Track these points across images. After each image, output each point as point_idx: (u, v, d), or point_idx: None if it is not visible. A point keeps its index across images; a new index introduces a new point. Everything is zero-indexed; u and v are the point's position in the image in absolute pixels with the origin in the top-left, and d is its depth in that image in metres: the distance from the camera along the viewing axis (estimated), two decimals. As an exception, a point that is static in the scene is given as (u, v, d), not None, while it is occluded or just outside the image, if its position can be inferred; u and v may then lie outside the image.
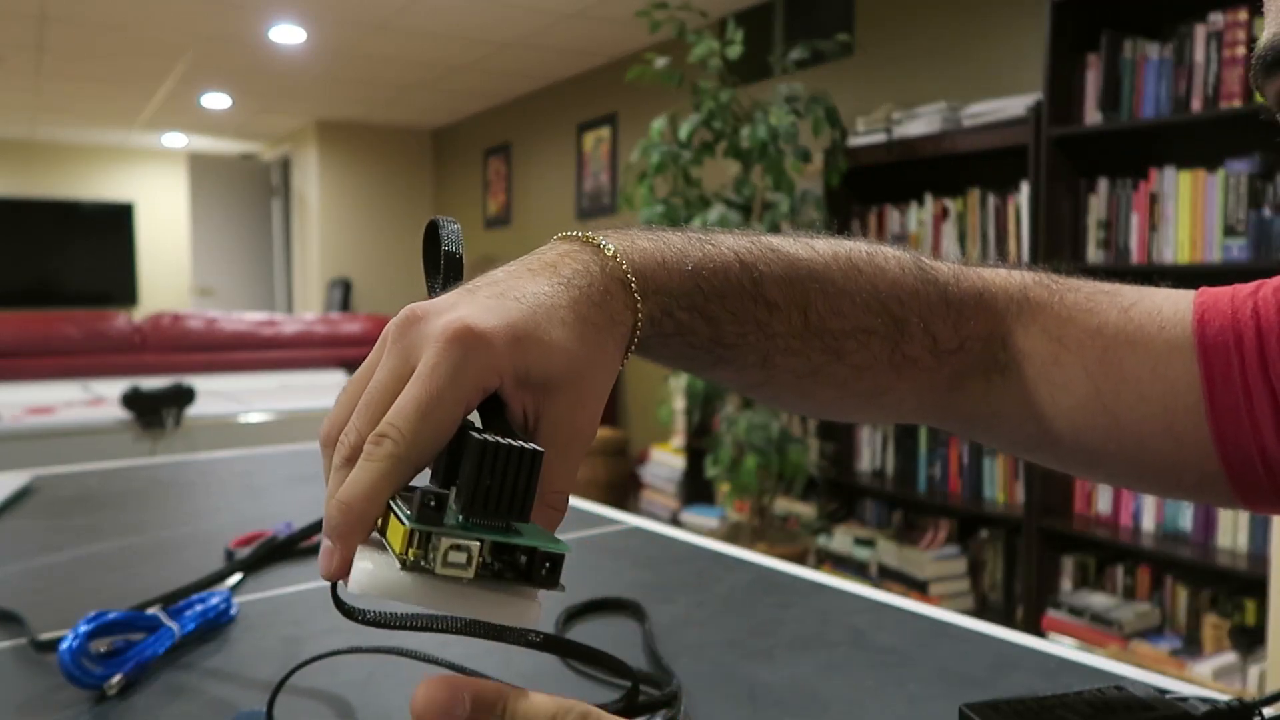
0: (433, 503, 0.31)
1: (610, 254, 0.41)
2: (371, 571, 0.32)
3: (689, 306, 0.43)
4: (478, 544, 0.32)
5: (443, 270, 0.42)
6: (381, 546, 0.34)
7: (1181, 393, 0.50)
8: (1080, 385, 0.52)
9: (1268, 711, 0.47)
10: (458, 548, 0.31)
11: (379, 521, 0.34)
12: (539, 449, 0.33)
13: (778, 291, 0.46)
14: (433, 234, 0.44)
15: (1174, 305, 0.52)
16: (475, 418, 0.37)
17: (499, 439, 0.32)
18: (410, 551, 0.31)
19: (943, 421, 0.56)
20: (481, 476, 0.32)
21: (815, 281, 0.47)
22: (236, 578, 0.76)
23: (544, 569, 0.33)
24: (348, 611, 0.36)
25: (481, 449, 0.32)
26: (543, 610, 0.34)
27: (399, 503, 0.33)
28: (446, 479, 0.35)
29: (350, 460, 0.34)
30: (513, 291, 0.38)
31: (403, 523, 0.32)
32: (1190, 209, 2.50)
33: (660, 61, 3.26)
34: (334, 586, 0.35)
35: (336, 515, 0.33)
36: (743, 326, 0.45)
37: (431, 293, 0.43)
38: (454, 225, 0.43)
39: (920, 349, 0.50)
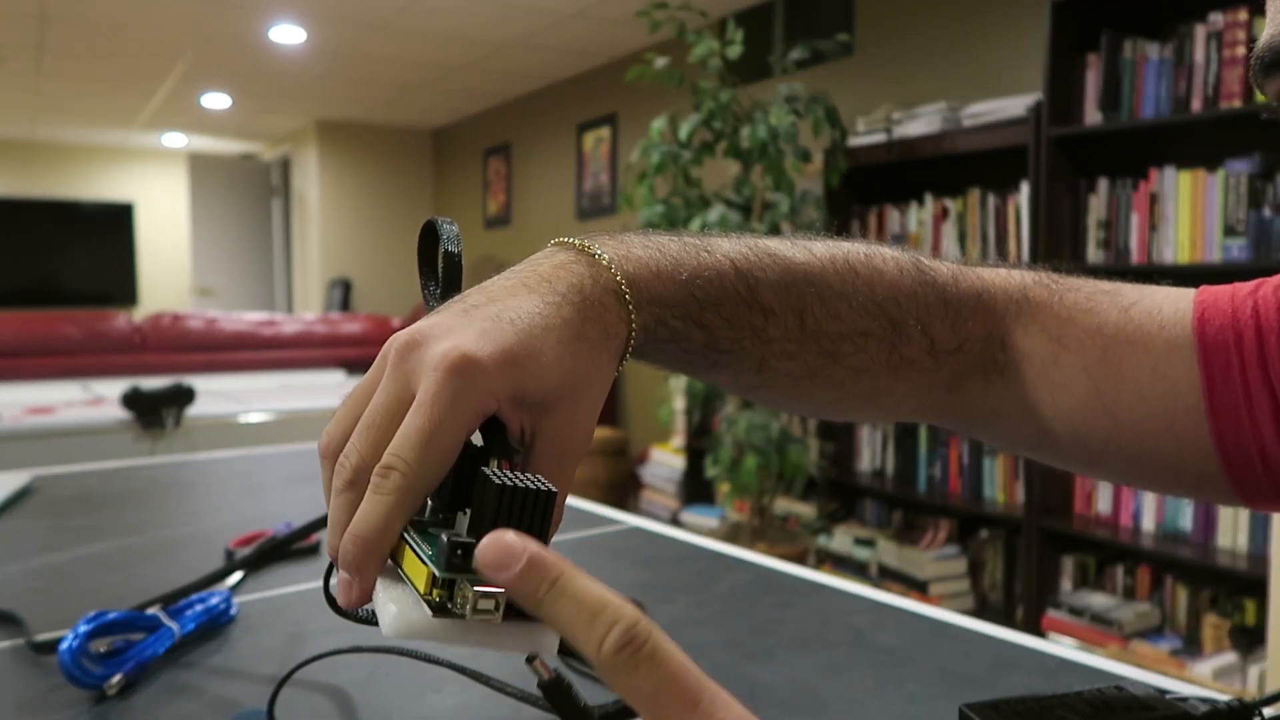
0: (459, 553, 0.32)
1: (605, 264, 0.41)
2: (404, 616, 0.33)
3: (683, 315, 0.43)
4: (504, 591, 0.32)
5: (441, 274, 0.42)
6: (394, 573, 0.35)
7: (1182, 392, 0.50)
8: (1080, 385, 0.52)
9: (1268, 711, 0.47)
10: (487, 595, 0.32)
11: None
12: (554, 490, 0.34)
13: (774, 297, 0.46)
14: (430, 234, 0.44)
15: (1174, 304, 0.52)
16: (475, 434, 0.37)
17: (515, 482, 0.33)
18: (435, 592, 0.32)
19: (942, 421, 0.56)
20: (500, 518, 0.33)
21: (812, 286, 0.47)
22: (236, 577, 0.76)
23: None
24: (341, 610, 0.37)
25: (499, 493, 0.33)
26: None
27: (411, 532, 0.35)
28: (452, 500, 0.36)
29: (353, 484, 0.35)
30: (508, 313, 0.38)
31: (424, 562, 0.33)
32: (1190, 209, 2.50)
33: (660, 61, 3.26)
34: (326, 585, 0.36)
35: (352, 550, 0.34)
36: (738, 332, 0.45)
37: (426, 295, 0.43)
38: (452, 227, 0.43)
39: (918, 350, 0.50)
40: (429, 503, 0.37)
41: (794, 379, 0.48)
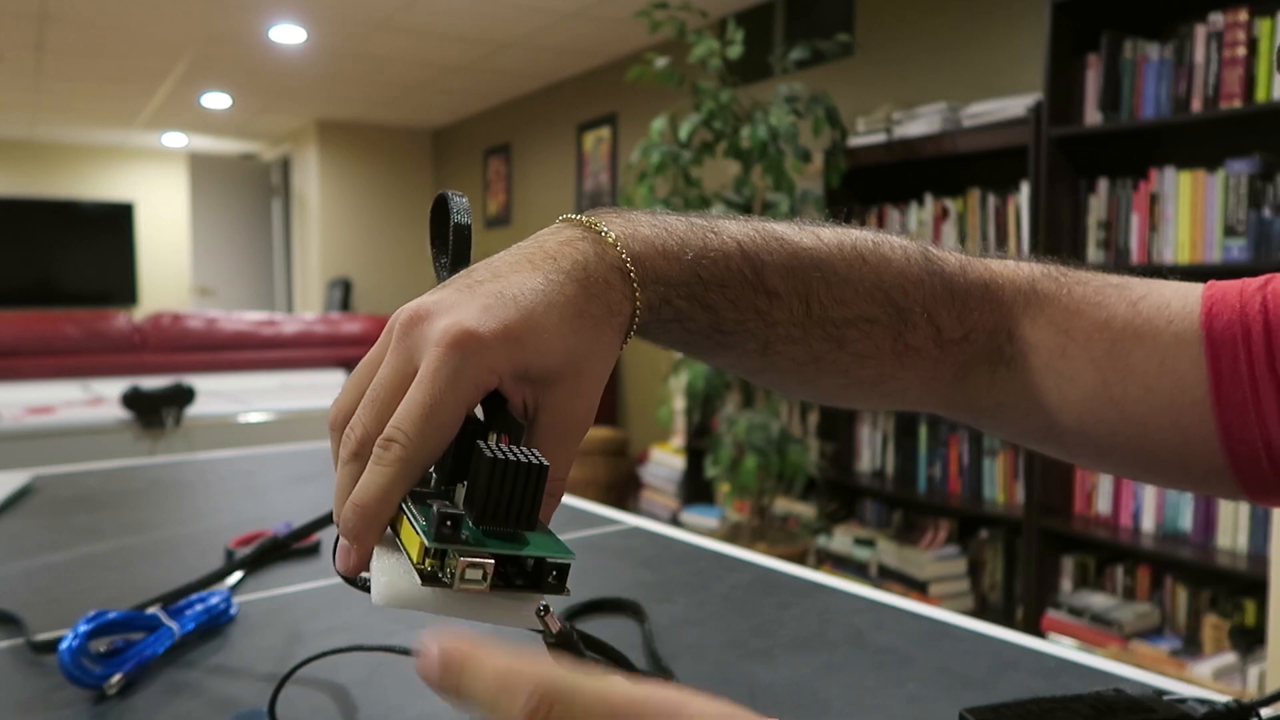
0: (449, 524, 0.33)
1: (611, 241, 0.42)
2: (393, 585, 0.34)
3: (688, 295, 0.43)
4: (493, 561, 0.33)
5: (451, 245, 0.43)
6: (394, 544, 0.36)
7: (1189, 386, 0.50)
8: (1087, 378, 0.52)
9: (1265, 712, 0.47)
10: (474, 565, 0.33)
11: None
12: (545, 464, 0.35)
13: (779, 280, 0.46)
14: (441, 208, 0.44)
15: (1183, 299, 0.51)
16: (478, 408, 0.38)
17: (507, 455, 0.34)
18: (427, 562, 0.33)
19: (947, 410, 0.56)
20: (492, 490, 0.34)
21: (818, 270, 0.47)
22: (236, 577, 0.76)
23: (551, 576, 0.35)
24: (351, 580, 0.38)
25: (491, 466, 0.34)
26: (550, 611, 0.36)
27: (410, 504, 0.35)
28: (453, 472, 0.37)
29: (357, 455, 0.36)
30: (511, 289, 0.38)
31: (417, 532, 0.34)
32: (1190, 209, 2.50)
33: (660, 61, 3.26)
34: (335, 556, 0.37)
35: (352, 518, 0.35)
36: (742, 314, 0.45)
37: (437, 266, 0.44)
38: (462, 199, 0.44)
39: (923, 338, 0.50)
40: (433, 475, 0.38)
41: (798, 363, 0.49)
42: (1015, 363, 0.53)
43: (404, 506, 0.35)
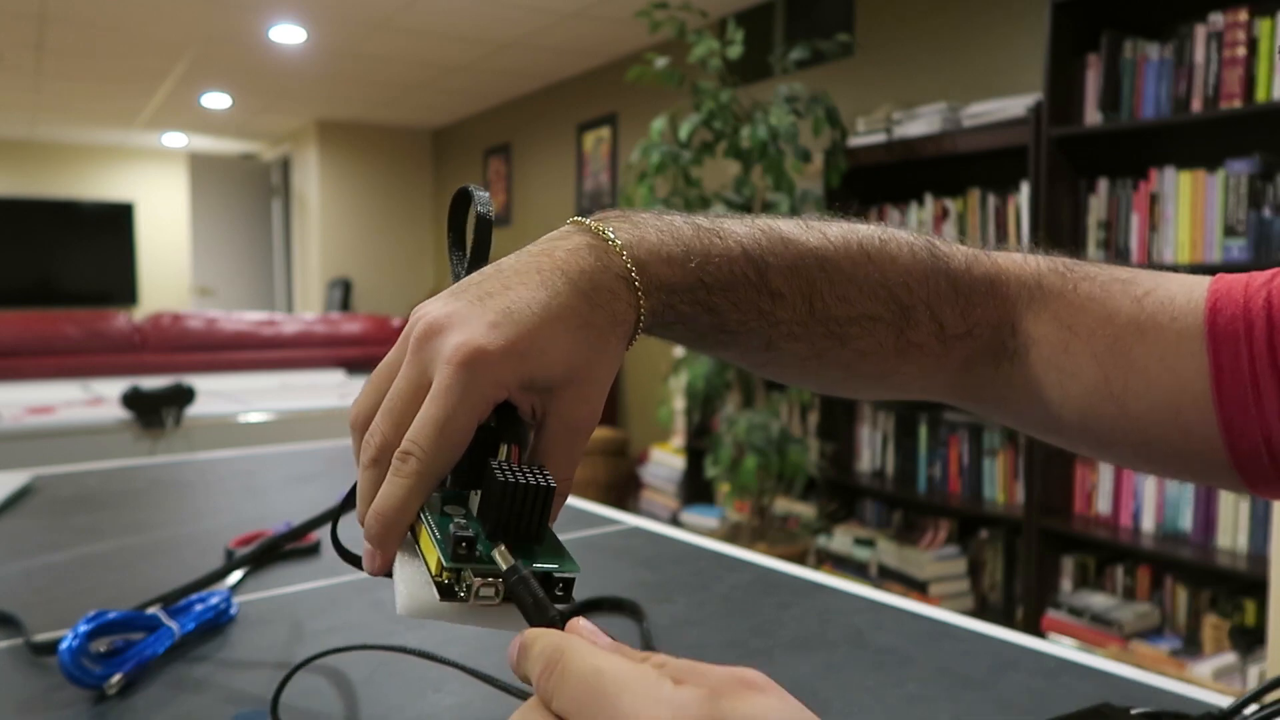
0: (464, 545, 0.36)
1: (618, 250, 0.43)
2: (415, 597, 0.37)
3: (691, 300, 0.44)
4: (503, 580, 0.36)
5: (473, 235, 0.45)
6: (412, 549, 0.39)
7: (1190, 382, 0.50)
8: (1089, 373, 0.52)
9: (1249, 711, 0.47)
10: (487, 584, 0.36)
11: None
12: (552, 485, 0.38)
13: (783, 281, 0.47)
14: (461, 202, 0.46)
15: (1188, 294, 0.51)
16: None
17: (517, 477, 0.37)
18: (444, 575, 0.36)
19: (950, 400, 0.56)
20: (503, 509, 0.37)
21: (823, 270, 0.48)
22: (236, 577, 0.76)
23: (558, 588, 0.38)
24: (353, 560, 0.42)
25: (502, 489, 0.37)
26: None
27: (428, 513, 0.38)
28: (466, 477, 0.39)
29: (377, 461, 0.39)
30: (519, 304, 0.40)
31: (434, 546, 0.37)
32: (1190, 209, 2.50)
33: (660, 61, 3.26)
34: (334, 530, 0.42)
35: (375, 526, 0.38)
36: (745, 315, 0.46)
37: (454, 257, 0.46)
38: (485, 193, 0.46)
39: (926, 335, 0.51)
40: (449, 476, 0.40)
41: (801, 359, 0.49)
42: (1018, 357, 0.53)
43: (423, 514, 0.38)
